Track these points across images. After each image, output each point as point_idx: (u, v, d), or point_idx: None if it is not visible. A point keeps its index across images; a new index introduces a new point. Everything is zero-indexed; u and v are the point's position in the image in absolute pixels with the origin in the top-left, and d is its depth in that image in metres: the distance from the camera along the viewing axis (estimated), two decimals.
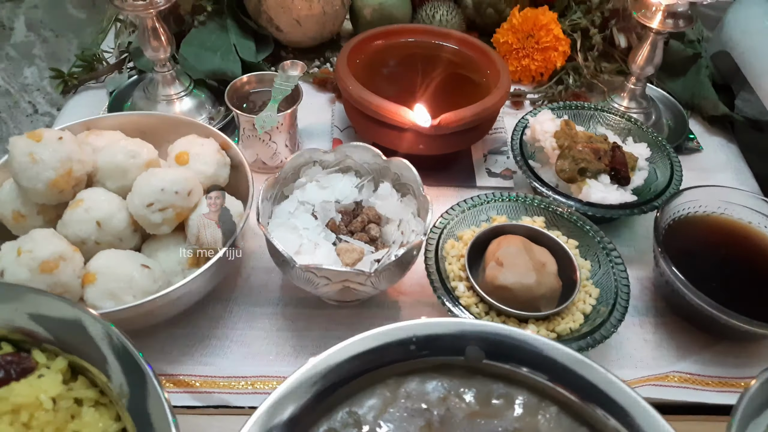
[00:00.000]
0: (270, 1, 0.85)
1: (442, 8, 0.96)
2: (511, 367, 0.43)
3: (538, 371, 0.42)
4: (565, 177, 0.68)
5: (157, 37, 0.74)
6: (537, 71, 0.92)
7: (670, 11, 0.73)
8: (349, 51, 0.78)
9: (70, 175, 0.56)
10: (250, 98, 0.76)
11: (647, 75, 0.81)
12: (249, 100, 0.76)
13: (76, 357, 0.42)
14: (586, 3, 0.92)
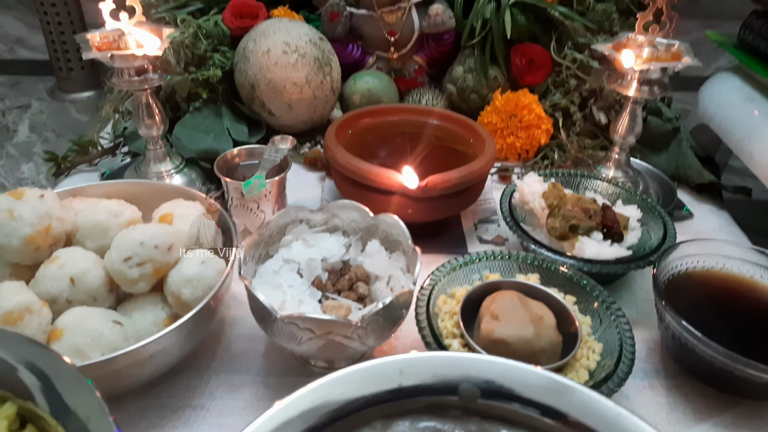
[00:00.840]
0: (263, 87, 0.89)
1: (428, 94, 1.00)
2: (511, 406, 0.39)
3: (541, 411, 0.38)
4: (557, 234, 0.67)
5: (151, 114, 0.76)
6: (522, 148, 0.94)
7: (644, 78, 0.76)
8: (338, 125, 0.80)
9: (48, 232, 0.55)
10: (240, 170, 0.77)
11: (630, 144, 0.83)
12: (238, 173, 0.77)
13: (30, 404, 0.38)
14: (564, 85, 0.96)
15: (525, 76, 0.98)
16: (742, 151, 0.81)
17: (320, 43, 0.93)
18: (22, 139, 1.19)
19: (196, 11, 1.00)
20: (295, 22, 0.93)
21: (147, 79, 0.72)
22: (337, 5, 1.01)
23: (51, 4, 1.23)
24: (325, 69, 0.92)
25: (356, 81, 0.98)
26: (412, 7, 1.02)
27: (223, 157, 0.75)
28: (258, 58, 0.89)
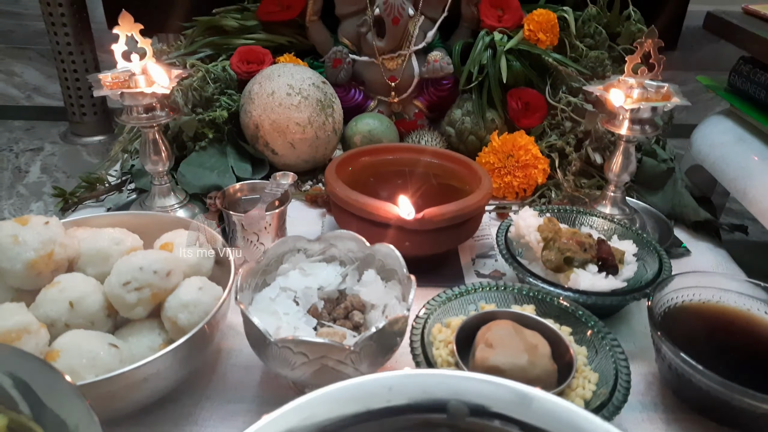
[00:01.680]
0: (267, 127, 0.92)
1: (427, 136, 1.03)
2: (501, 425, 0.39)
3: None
4: (552, 267, 0.68)
5: (157, 151, 0.79)
6: (520, 187, 0.95)
7: (635, 117, 0.78)
8: (338, 163, 0.82)
9: (51, 257, 0.56)
10: (241, 204, 0.79)
11: (625, 182, 0.84)
12: (240, 207, 0.79)
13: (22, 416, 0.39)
14: (559, 127, 0.99)
15: (521, 118, 1.01)
16: (736, 189, 0.82)
17: (323, 86, 0.96)
18: (33, 180, 1.22)
19: (206, 57, 1.05)
20: (299, 67, 0.97)
21: (155, 116, 0.75)
22: (340, 52, 1.05)
23: (68, 53, 1.29)
24: (328, 110, 0.95)
25: (357, 122, 1.01)
26: (412, 55, 1.07)
27: (226, 191, 0.77)
28: (263, 100, 0.92)
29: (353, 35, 1.09)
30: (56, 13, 1.25)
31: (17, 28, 2.20)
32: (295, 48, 1.12)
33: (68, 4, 1.25)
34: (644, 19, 1.08)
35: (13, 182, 1.21)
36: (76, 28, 1.28)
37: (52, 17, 1.26)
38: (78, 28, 1.28)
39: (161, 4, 1.31)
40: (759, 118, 0.86)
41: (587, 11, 1.05)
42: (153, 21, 1.36)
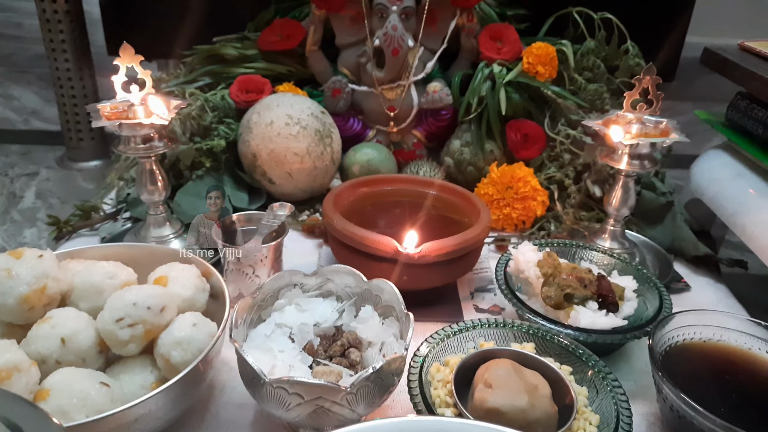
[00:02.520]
0: (265, 156, 0.92)
1: (425, 166, 1.03)
2: None
3: None
4: (552, 303, 0.67)
5: (154, 181, 0.78)
6: (519, 219, 0.95)
7: (634, 153, 0.78)
8: (336, 194, 0.82)
9: (44, 292, 0.55)
10: (238, 235, 0.78)
11: (624, 216, 0.84)
12: (236, 238, 0.78)
13: None
14: (558, 159, 0.99)
15: (520, 150, 1.01)
16: (735, 224, 0.82)
17: (322, 116, 0.96)
18: (28, 205, 1.21)
19: (205, 86, 1.05)
20: (298, 97, 0.97)
21: (153, 147, 0.75)
22: (340, 82, 1.06)
23: (67, 78, 1.29)
24: (326, 140, 0.95)
25: (356, 152, 1.01)
26: (411, 85, 1.07)
27: (222, 223, 0.76)
28: (261, 129, 0.92)
29: (353, 65, 1.09)
30: (57, 39, 1.25)
31: (18, 51, 2.21)
32: (295, 77, 1.12)
33: (69, 30, 1.25)
34: (642, 51, 1.09)
35: (7, 207, 1.20)
36: (76, 54, 1.28)
37: (52, 43, 1.26)
38: (78, 54, 1.29)
39: (162, 30, 1.32)
40: (756, 153, 0.86)
41: (586, 44, 1.05)
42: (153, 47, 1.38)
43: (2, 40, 2.36)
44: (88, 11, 1.36)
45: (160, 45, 1.36)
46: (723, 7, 1.84)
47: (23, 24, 2.53)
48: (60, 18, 1.22)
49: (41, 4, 1.22)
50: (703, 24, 1.86)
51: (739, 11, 1.90)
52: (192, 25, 1.29)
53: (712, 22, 1.91)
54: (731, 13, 1.90)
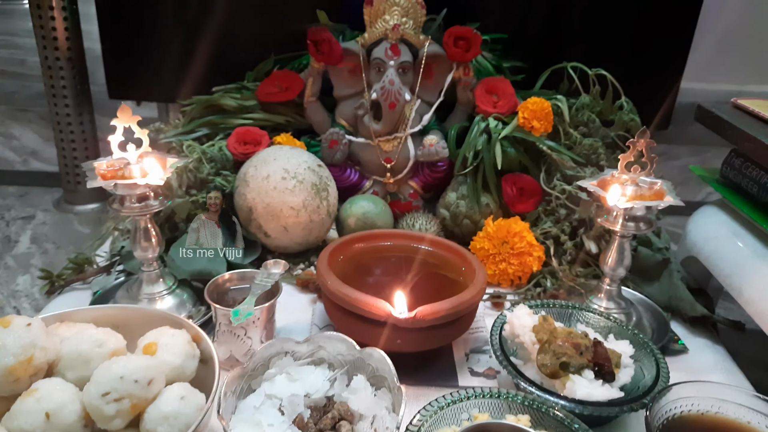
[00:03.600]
0: (261, 210, 0.92)
1: (421, 218, 1.03)
2: None
3: None
4: (547, 372, 0.66)
5: (148, 237, 0.78)
6: (515, 275, 0.94)
7: (630, 215, 0.78)
8: (330, 251, 0.82)
9: (30, 362, 0.54)
10: (230, 295, 0.77)
11: (620, 276, 0.83)
12: (228, 297, 0.77)
13: None
14: (554, 214, 0.99)
15: (516, 204, 1.01)
16: (732, 287, 0.82)
17: (318, 169, 0.97)
18: (22, 251, 1.21)
19: (203, 136, 1.06)
20: (295, 150, 0.98)
21: (148, 206, 0.75)
22: (337, 133, 1.06)
23: (67, 122, 1.30)
24: (322, 194, 0.95)
25: (352, 204, 1.01)
26: (408, 137, 1.08)
27: (214, 282, 0.76)
28: (257, 183, 0.92)
29: (350, 117, 1.10)
30: (57, 85, 1.27)
31: (20, 89, 2.24)
32: (293, 127, 1.13)
33: (70, 76, 1.27)
34: (637, 101, 1.11)
35: (1, 253, 1.20)
36: (77, 98, 1.29)
37: (53, 88, 1.27)
38: (78, 98, 1.30)
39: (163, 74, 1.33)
40: (751, 213, 0.86)
41: (580, 99, 1.07)
42: (154, 90, 1.39)
43: (5, 78, 2.39)
44: (89, 48, 1.38)
45: (160, 88, 1.38)
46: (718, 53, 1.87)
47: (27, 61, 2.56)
48: (61, 65, 1.24)
49: (44, 51, 1.23)
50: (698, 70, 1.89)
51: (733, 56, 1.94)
52: (192, 70, 1.31)
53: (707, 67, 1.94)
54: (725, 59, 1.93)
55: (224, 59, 1.27)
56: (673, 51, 1.35)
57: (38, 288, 1.09)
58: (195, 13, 1.27)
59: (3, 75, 2.40)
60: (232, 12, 1.26)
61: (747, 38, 1.89)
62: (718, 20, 1.70)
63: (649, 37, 1.31)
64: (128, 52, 1.32)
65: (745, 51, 1.93)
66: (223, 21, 1.27)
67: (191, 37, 1.29)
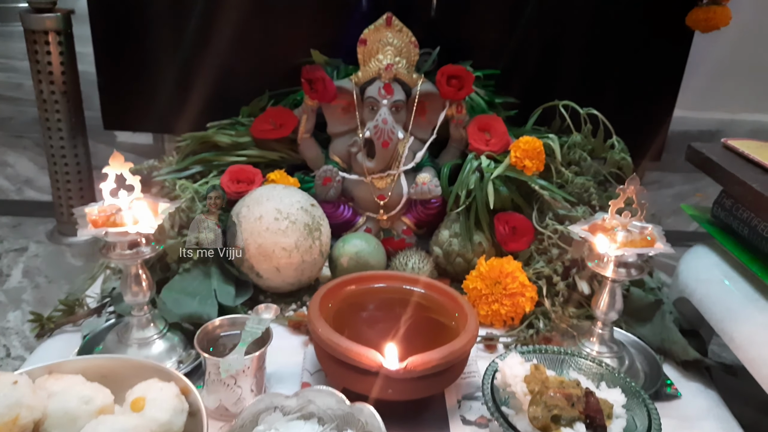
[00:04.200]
0: (252, 250, 0.92)
1: (415, 257, 1.03)
2: None
3: None
4: (539, 425, 0.65)
5: (138, 282, 0.78)
6: (507, 315, 0.94)
7: (621, 261, 0.78)
8: (322, 295, 0.81)
9: (15, 422, 0.54)
10: (221, 341, 0.77)
11: (612, 320, 0.83)
12: (219, 343, 0.77)
13: None
14: (546, 253, 0.99)
15: (509, 242, 1.02)
16: (723, 331, 0.82)
17: (311, 209, 0.97)
18: (14, 285, 1.21)
19: (197, 173, 1.06)
20: (288, 190, 0.98)
21: (139, 253, 0.74)
22: (330, 171, 1.07)
23: (61, 155, 1.30)
24: (315, 234, 0.95)
25: (345, 243, 1.01)
26: (401, 174, 1.08)
27: (204, 329, 0.75)
28: (250, 224, 0.92)
29: (344, 153, 1.11)
30: (53, 118, 1.27)
31: (16, 114, 2.25)
32: (287, 162, 1.14)
33: (65, 110, 1.27)
34: (629, 131, 1.12)
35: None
36: (72, 131, 1.30)
37: (48, 122, 1.28)
38: (73, 131, 1.30)
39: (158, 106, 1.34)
40: (742, 257, 0.87)
41: (572, 138, 1.07)
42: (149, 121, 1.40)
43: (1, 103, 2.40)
44: (84, 71, 1.37)
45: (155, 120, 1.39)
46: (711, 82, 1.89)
47: (23, 85, 2.58)
48: (56, 98, 1.24)
49: (39, 84, 1.24)
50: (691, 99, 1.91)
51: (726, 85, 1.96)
52: (187, 103, 1.31)
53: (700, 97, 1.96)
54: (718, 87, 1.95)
55: (219, 93, 1.27)
56: (665, 85, 1.36)
57: (28, 325, 1.08)
58: (191, 47, 1.28)
59: None
60: (228, 47, 1.27)
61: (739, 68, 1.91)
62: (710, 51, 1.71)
63: (640, 72, 1.33)
64: (124, 84, 1.33)
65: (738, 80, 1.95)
66: (219, 55, 1.28)
67: (187, 70, 1.30)
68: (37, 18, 1.17)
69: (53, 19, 1.18)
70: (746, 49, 1.87)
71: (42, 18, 1.18)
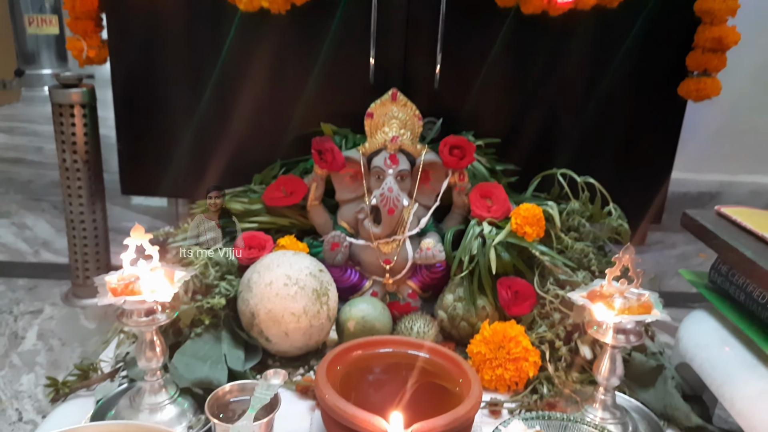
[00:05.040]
0: (263, 315, 0.95)
1: (420, 321, 1.05)
2: None
3: None
4: None
5: (153, 348, 0.81)
6: (511, 380, 0.96)
7: (620, 328, 0.81)
8: (329, 361, 0.84)
9: None
10: (230, 407, 0.79)
11: (614, 385, 0.85)
12: (229, 409, 0.79)
13: None
14: (549, 318, 1.01)
15: (511, 307, 1.04)
16: (724, 397, 0.83)
17: (319, 274, 1.00)
18: (28, 347, 1.23)
19: (210, 240, 1.10)
20: (298, 255, 1.02)
21: (155, 320, 0.78)
22: (338, 236, 1.11)
23: (80, 220, 1.35)
24: (323, 299, 0.98)
25: (351, 308, 1.04)
26: (406, 239, 1.12)
27: (215, 395, 0.78)
28: (261, 289, 0.95)
29: (351, 219, 1.15)
30: (74, 186, 1.33)
31: (36, 177, 2.33)
32: (296, 228, 1.18)
33: (86, 178, 1.34)
34: (628, 196, 1.17)
35: (7, 350, 1.22)
36: (91, 198, 1.36)
37: (69, 189, 1.34)
38: (92, 198, 1.36)
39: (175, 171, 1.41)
40: (739, 322, 0.89)
41: (570, 205, 1.12)
42: (166, 186, 1.46)
43: (22, 166, 2.49)
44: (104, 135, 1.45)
45: (170, 186, 1.45)
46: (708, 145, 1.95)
47: (44, 149, 2.68)
48: (79, 167, 1.31)
49: (63, 153, 1.31)
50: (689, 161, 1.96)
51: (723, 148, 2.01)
52: (203, 170, 1.38)
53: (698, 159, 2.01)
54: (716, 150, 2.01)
55: (233, 161, 1.34)
56: (661, 151, 1.42)
57: (42, 389, 1.10)
58: (207, 116, 1.36)
59: (20, 163, 2.50)
60: (241, 117, 1.35)
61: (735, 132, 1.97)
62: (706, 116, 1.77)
63: (637, 140, 1.39)
64: (143, 152, 1.40)
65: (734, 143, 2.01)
66: (232, 125, 1.35)
67: (203, 139, 1.37)
68: (65, 93, 1.25)
69: (79, 93, 1.27)
70: (740, 114, 1.93)
71: (69, 93, 1.26)
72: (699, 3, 1.27)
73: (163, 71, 1.34)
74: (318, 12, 1.25)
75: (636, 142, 1.39)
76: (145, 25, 1.31)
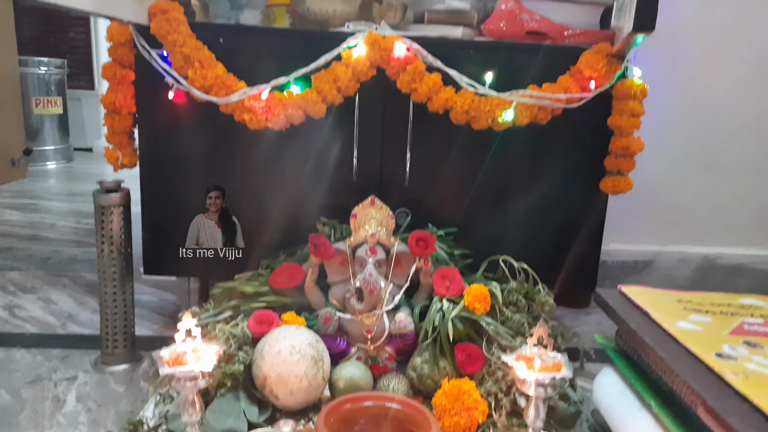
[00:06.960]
0: (273, 378, 1.23)
1: (395, 379, 1.33)
2: None
3: None
4: None
5: (194, 405, 1.08)
6: (465, 426, 1.24)
7: (539, 383, 1.10)
8: (325, 413, 1.11)
9: None
10: None
11: (540, 428, 1.13)
12: None
13: None
14: (494, 375, 1.31)
15: (466, 366, 1.33)
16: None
17: (316, 344, 1.29)
18: (70, 409, 1.47)
19: (228, 317, 1.39)
20: (300, 329, 1.31)
21: (197, 384, 1.05)
22: (330, 312, 1.40)
23: (113, 300, 1.62)
24: (319, 363, 1.27)
25: (341, 369, 1.32)
26: (383, 314, 1.42)
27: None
28: (271, 357, 1.24)
29: (340, 298, 1.45)
30: (109, 272, 1.60)
31: (53, 254, 2.57)
32: (296, 305, 1.47)
33: (120, 266, 1.61)
34: (558, 284, 1.48)
35: (53, 411, 1.46)
36: (122, 281, 1.63)
37: (105, 273, 1.61)
38: (123, 281, 1.63)
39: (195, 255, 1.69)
40: (631, 377, 1.19)
41: (509, 285, 1.43)
42: (180, 270, 1.74)
43: (39, 243, 2.73)
44: None
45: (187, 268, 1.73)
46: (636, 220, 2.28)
47: (56, 225, 2.93)
48: (114, 257, 1.58)
49: (102, 245, 1.59)
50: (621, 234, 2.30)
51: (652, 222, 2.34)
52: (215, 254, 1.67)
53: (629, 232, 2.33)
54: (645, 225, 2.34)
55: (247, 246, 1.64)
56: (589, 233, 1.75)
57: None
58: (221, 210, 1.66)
59: (37, 240, 2.75)
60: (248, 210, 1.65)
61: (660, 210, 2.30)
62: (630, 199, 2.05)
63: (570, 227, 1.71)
64: (162, 240, 1.69)
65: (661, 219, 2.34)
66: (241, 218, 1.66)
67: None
68: (107, 197, 1.55)
69: (118, 197, 1.56)
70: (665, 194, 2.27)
71: (110, 197, 1.55)
72: (611, 119, 1.64)
73: (183, 176, 1.65)
74: (309, 127, 1.58)
75: (570, 228, 1.72)
76: (169, 139, 1.63)
